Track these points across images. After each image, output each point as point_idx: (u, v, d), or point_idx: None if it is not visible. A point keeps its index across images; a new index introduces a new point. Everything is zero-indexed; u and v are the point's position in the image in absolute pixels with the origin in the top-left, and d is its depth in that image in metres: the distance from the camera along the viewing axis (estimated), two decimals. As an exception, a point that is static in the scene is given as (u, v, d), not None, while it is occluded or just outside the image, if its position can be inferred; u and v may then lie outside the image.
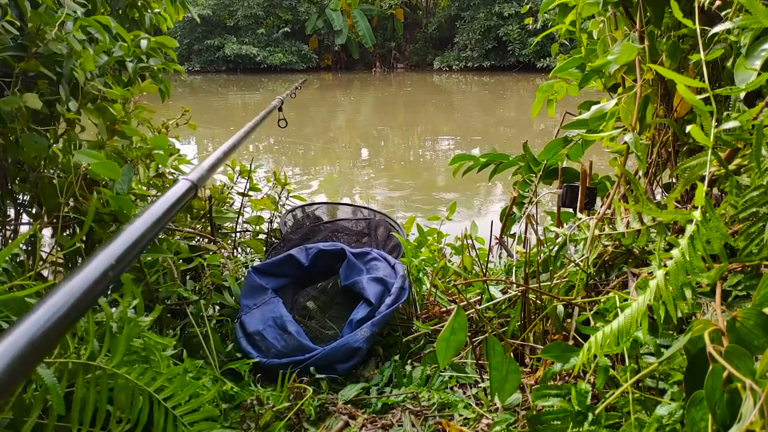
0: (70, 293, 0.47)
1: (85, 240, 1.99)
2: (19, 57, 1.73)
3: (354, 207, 3.34)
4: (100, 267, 0.52)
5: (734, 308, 1.10)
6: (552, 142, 2.20)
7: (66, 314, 0.45)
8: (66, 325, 0.45)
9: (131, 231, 0.60)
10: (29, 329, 0.42)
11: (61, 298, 0.46)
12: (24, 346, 0.40)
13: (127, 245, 0.57)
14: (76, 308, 0.47)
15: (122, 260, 0.55)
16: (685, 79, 1.10)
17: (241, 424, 1.60)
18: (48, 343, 0.43)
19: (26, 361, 0.40)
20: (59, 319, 0.44)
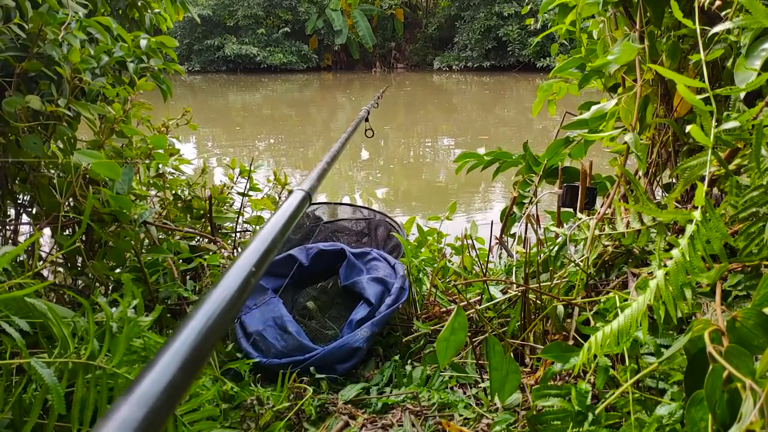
0: (222, 298, 0.50)
1: (84, 240, 1.99)
2: (20, 57, 1.73)
3: (354, 207, 3.35)
4: (242, 274, 0.55)
5: (734, 308, 1.10)
6: (554, 143, 2.20)
7: (219, 320, 0.47)
8: (220, 330, 0.47)
9: (263, 239, 0.64)
10: (189, 336, 0.44)
11: (213, 305, 0.48)
12: (186, 353, 0.42)
13: (261, 252, 0.61)
14: (228, 313, 0.49)
15: (260, 266, 0.59)
16: (685, 79, 1.10)
17: (241, 424, 1.60)
18: (205, 352, 0.44)
19: (188, 369, 0.41)
20: (214, 324, 0.47)
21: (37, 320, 1.26)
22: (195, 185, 2.62)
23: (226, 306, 0.49)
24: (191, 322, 0.46)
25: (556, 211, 2.21)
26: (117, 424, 0.35)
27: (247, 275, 0.55)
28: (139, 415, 0.36)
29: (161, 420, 0.37)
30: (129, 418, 0.36)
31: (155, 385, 0.38)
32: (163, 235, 2.22)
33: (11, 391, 1.22)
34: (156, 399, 0.38)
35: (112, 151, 1.97)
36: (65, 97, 1.80)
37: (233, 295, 0.51)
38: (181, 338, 0.44)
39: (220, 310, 0.48)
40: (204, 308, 0.48)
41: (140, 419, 0.36)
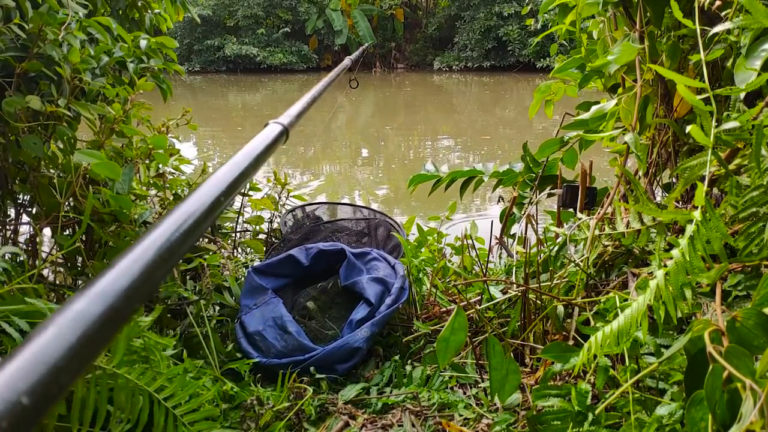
0: (188, 213, 0.49)
1: (84, 239, 1.99)
2: (20, 57, 1.73)
3: (354, 207, 3.35)
4: (214, 193, 0.54)
5: (734, 308, 1.10)
6: (547, 141, 2.19)
7: (184, 235, 0.46)
8: (184, 246, 0.46)
9: (235, 164, 0.63)
10: (154, 243, 0.43)
11: (180, 219, 0.47)
12: (150, 259, 0.41)
13: (232, 178, 0.59)
14: (193, 231, 0.48)
15: (231, 188, 0.57)
16: (685, 79, 1.10)
17: (241, 424, 1.60)
18: (169, 263, 0.43)
19: (150, 275, 0.40)
20: (180, 236, 0.45)
21: (38, 320, 1.26)
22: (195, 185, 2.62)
23: (194, 222, 0.48)
24: (156, 230, 0.44)
25: (556, 211, 2.21)
26: (72, 316, 0.33)
27: (218, 195, 0.54)
28: (97, 310, 0.34)
29: (119, 319, 0.36)
30: (85, 311, 0.34)
31: (114, 285, 0.37)
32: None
33: (11, 391, 1.22)
34: (114, 297, 0.36)
35: (112, 151, 1.97)
36: (65, 97, 1.80)
37: (203, 211, 0.50)
38: (145, 244, 0.42)
39: (186, 226, 0.47)
40: (171, 219, 0.46)
41: (98, 314, 0.34)
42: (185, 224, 0.47)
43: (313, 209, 3.15)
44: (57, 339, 0.31)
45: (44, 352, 0.30)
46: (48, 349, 0.31)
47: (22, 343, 0.31)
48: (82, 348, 0.32)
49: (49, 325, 0.32)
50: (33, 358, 0.30)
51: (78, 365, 0.32)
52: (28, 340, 0.31)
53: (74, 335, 0.32)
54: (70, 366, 0.31)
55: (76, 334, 0.32)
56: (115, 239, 1.87)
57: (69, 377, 0.31)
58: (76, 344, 0.32)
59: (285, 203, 3.17)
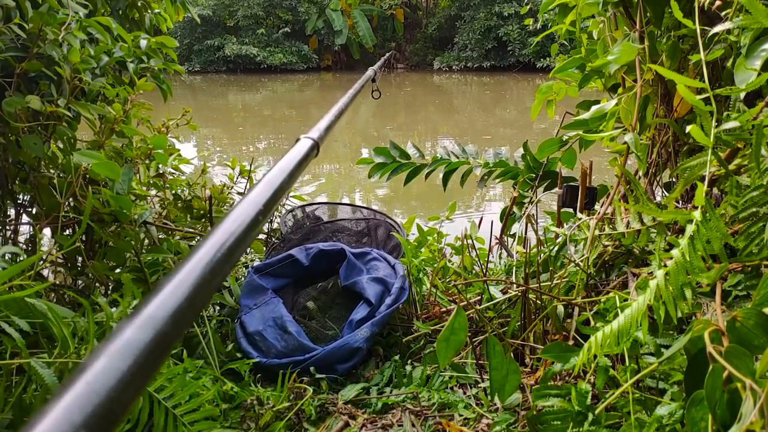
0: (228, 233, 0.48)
1: (84, 240, 1.99)
2: (20, 57, 1.73)
3: (354, 207, 3.35)
4: (251, 212, 0.54)
5: (734, 308, 1.10)
6: (547, 141, 2.19)
7: (228, 253, 0.46)
8: (228, 265, 0.46)
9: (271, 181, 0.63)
10: (197, 266, 0.43)
11: (222, 237, 0.47)
12: (193, 282, 0.41)
13: (270, 193, 0.60)
14: (236, 249, 0.48)
15: (268, 207, 0.57)
16: (685, 79, 1.10)
17: (241, 424, 1.60)
18: (212, 284, 0.43)
19: (194, 298, 0.40)
20: (222, 257, 0.45)
21: (38, 320, 1.26)
22: (195, 185, 2.62)
23: (234, 241, 0.48)
24: (198, 252, 0.44)
25: (556, 211, 2.21)
26: (122, 345, 0.33)
27: (257, 214, 0.54)
28: (145, 338, 0.34)
29: (167, 345, 0.36)
30: (134, 339, 0.34)
31: (161, 310, 0.37)
32: (163, 235, 2.22)
33: (11, 391, 1.22)
34: (162, 323, 0.36)
35: (112, 151, 1.97)
36: (65, 97, 1.80)
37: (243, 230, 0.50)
38: (187, 267, 0.42)
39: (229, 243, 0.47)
40: (212, 240, 0.46)
41: (147, 341, 0.34)
42: (226, 244, 0.47)
43: (313, 209, 3.15)
44: (109, 369, 0.32)
45: (97, 382, 0.31)
46: (101, 379, 0.31)
47: (74, 373, 0.31)
48: (133, 377, 0.32)
49: (100, 355, 0.32)
50: (87, 389, 0.30)
51: (131, 394, 0.32)
52: (81, 371, 0.31)
53: (125, 364, 0.32)
54: (124, 395, 0.31)
55: (127, 362, 0.32)
56: (115, 239, 1.87)
57: (123, 407, 0.31)
58: (127, 373, 0.32)
59: (285, 203, 3.17)
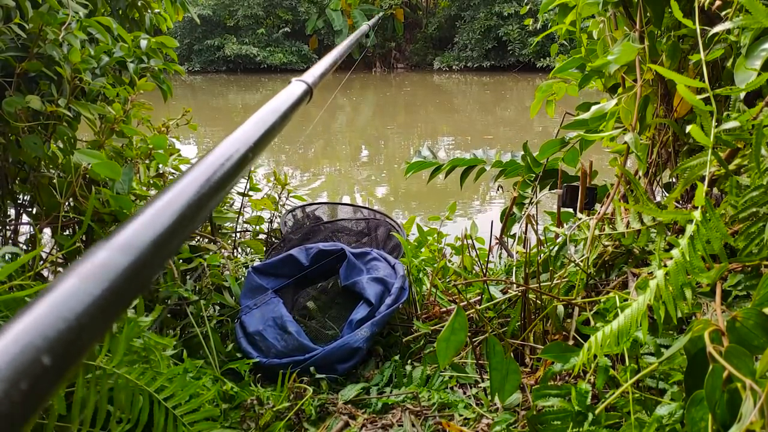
0: (216, 165, 0.45)
1: (84, 239, 1.99)
2: (20, 57, 1.73)
3: (354, 207, 3.35)
4: (241, 148, 0.51)
5: (734, 308, 1.10)
6: (548, 142, 2.19)
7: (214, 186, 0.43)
8: (215, 197, 0.43)
9: (262, 119, 0.59)
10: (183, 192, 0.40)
11: (209, 170, 0.44)
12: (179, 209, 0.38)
13: (262, 131, 0.56)
14: (223, 183, 0.45)
15: (259, 145, 0.54)
16: (685, 79, 1.10)
17: (241, 424, 1.60)
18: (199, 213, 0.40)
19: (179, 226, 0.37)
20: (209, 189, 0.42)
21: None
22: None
23: (223, 174, 0.45)
24: (184, 180, 0.41)
25: (556, 211, 2.21)
26: (96, 267, 0.29)
27: (246, 150, 0.50)
28: (123, 262, 0.31)
29: (148, 273, 0.32)
30: (111, 262, 0.30)
31: (142, 234, 0.33)
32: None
33: (11, 391, 1.22)
34: (143, 248, 0.32)
35: (112, 151, 1.97)
36: (65, 97, 1.80)
37: (232, 165, 0.46)
38: (171, 194, 0.39)
39: (218, 176, 0.44)
40: (197, 171, 0.43)
41: (125, 266, 0.30)
42: (215, 176, 0.44)
43: (313, 209, 3.15)
44: (80, 292, 0.28)
45: (66, 305, 0.27)
46: (69, 303, 0.27)
47: (40, 293, 0.27)
48: (107, 303, 0.28)
49: (70, 276, 0.28)
50: (52, 312, 0.26)
51: (102, 323, 0.28)
52: (47, 291, 0.27)
53: (99, 288, 0.28)
54: (94, 324, 0.27)
55: (101, 287, 0.29)
56: (115, 239, 1.87)
57: (92, 336, 0.27)
58: (100, 298, 0.28)
59: (285, 203, 3.17)
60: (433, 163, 2.72)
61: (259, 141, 0.54)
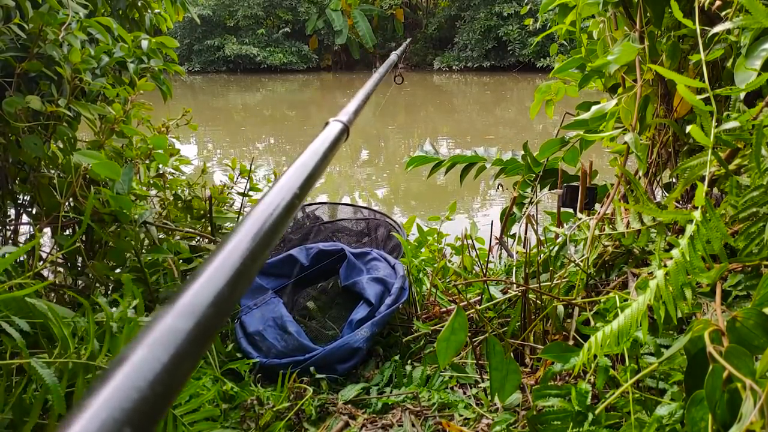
0: (265, 216, 0.47)
1: (84, 239, 1.99)
2: (20, 57, 1.73)
3: (354, 207, 3.34)
4: (287, 195, 0.52)
5: (734, 308, 1.10)
6: (548, 142, 2.19)
7: (266, 237, 0.45)
8: (266, 248, 0.44)
9: (304, 164, 0.61)
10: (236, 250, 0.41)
11: (258, 222, 0.46)
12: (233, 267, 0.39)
13: (305, 176, 0.58)
14: (274, 232, 0.46)
15: (304, 189, 0.56)
16: (685, 79, 1.10)
17: (241, 424, 1.60)
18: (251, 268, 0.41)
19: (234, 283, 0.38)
20: (261, 240, 0.44)
21: (38, 320, 1.26)
22: (195, 185, 2.62)
23: (271, 225, 0.46)
24: (236, 236, 0.43)
25: (556, 211, 2.21)
26: (162, 334, 0.31)
27: (292, 197, 0.52)
28: (186, 326, 0.32)
29: (210, 333, 0.34)
30: (175, 328, 0.32)
31: (201, 297, 0.35)
32: (163, 235, 2.22)
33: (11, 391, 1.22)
34: (204, 310, 0.34)
35: (112, 151, 1.97)
36: (65, 97, 1.80)
37: (279, 214, 0.48)
38: (225, 253, 0.40)
39: (267, 227, 0.45)
40: (248, 224, 0.45)
41: (188, 330, 0.32)
42: (264, 227, 0.45)
43: (313, 209, 3.15)
44: (150, 360, 0.30)
45: (138, 375, 0.28)
46: (142, 372, 0.29)
47: (112, 364, 0.29)
48: (176, 368, 0.30)
49: (140, 345, 0.30)
50: (128, 382, 0.28)
51: (174, 387, 0.30)
52: (119, 362, 0.29)
53: (167, 354, 0.30)
54: (167, 389, 0.29)
55: (168, 352, 0.30)
56: (115, 239, 1.87)
57: (166, 401, 0.29)
58: (169, 364, 0.30)
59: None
60: (434, 159, 2.73)
61: (303, 185, 0.56)
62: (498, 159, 2.60)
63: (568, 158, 2.16)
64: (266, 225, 0.46)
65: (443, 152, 2.81)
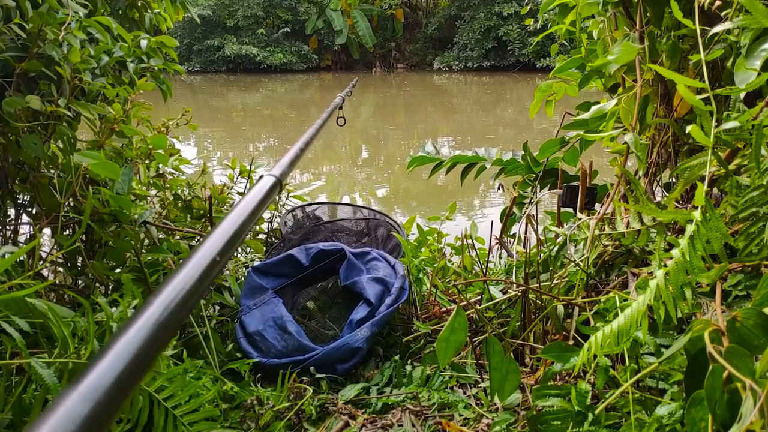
0: (180, 287, 0.47)
1: (84, 239, 1.99)
2: (20, 57, 1.73)
3: (354, 207, 3.35)
4: (204, 262, 0.53)
5: (734, 308, 1.10)
6: (548, 142, 2.20)
7: (176, 311, 0.45)
8: (177, 322, 0.45)
9: (228, 226, 0.62)
10: (144, 326, 0.41)
11: (171, 295, 0.46)
12: (140, 344, 0.39)
13: (226, 239, 0.59)
14: (186, 304, 0.47)
15: (224, 254, 0.56)
16: (685, 79, 1.10)
17: (241, 424, 1.60)
18: (160, 344, 0.42)
19: (141, 362, 0.39)
20: (170, 316, 0.44)
21: (38, 320, 1.26)
22: (195, 185, 2.62)
23: (183, 297, 0.46)
24: (146, 311, 0.43)
25: (556, 211, 2.21)
26: (58, 421, 0.32)
27: (210, 264, 0.52)
28: (84, 411, 0.33)
29: (108, 417, 0.34)
30: (73, 413, 0.32)
31: (103, 378, 0.35)
32: (163, 235, 2.22)
33: (11, 391, 1.22)
34: (104, 393, 0.34)
35: (112, 151, 1.97)
36: (65, 97, 1.80)
37: (192, 286, 0.48)
38: (134, 328, 0.40)
39: (177, 300, 0.45)
40: (160, 298, 0.45)
41: (85, 415, 0.33)
42: (184, 289, 0.46)
43: (313, 209, 3.15)
44: None
45: None
46: None
47: None
48: None
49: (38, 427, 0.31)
50: None
51: None
52: None
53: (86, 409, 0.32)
54: None
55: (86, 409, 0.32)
56: (115, 239, 1.87)
57: None
58: None
59: (285, 203, 3.17)
60: (435, 159, 2.73)
61: (224, 249, 0.57)
62: (498, 159, 2.61)
63: (568, 158, 2.16)
64: (178, 298, 0.46)
65: (444, 153, 2.82)
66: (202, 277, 0.50)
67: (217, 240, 0.57)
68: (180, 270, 0.50)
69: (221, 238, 0.58)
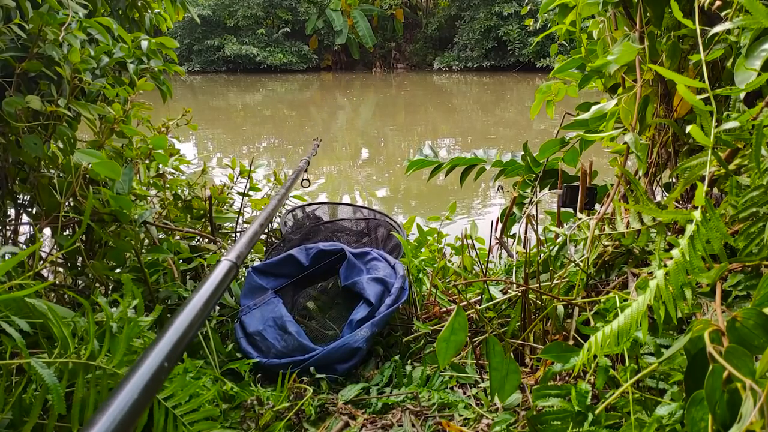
0: (125, 403, 0.49)
1: (84, 239, 1.99)
2: (20, 57, 1.73)
3: (354, 207, 3.35)
4: (151, 370, 0.54)
5: (734, 308, 1.10)
6: (548, 142, 2.20)
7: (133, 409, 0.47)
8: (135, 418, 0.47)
9: (178, 326, 0.62)
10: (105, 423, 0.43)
11: (126, 396, 0.48)
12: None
13: (175, 341, 0.59)
14: (131, 419, 0.48)
15: (172, 359, 0.57)
16: (685, 79, 1.10)
17: (241, 424, 1.60)
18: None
19: None
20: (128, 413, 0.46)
21: (38, 320, 1.26)
22: (195, 185, 2.62)
23: (127, 413, 0.47)
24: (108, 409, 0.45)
25: (556, 211, 2.22)
26: None
27: (156, 371, 0.53)
28: None
29: None
30: None
31: None
32: (163, 235, 2.22)
33: (11, 391, 1.22)
34: None
35: (112, 151, 1.97)
36: (65, 97, 1.80)
37: (137, 399, 0.49)
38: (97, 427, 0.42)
39: (120, 418, 0.46)
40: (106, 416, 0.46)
41: None
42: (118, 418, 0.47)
43: (313, 209, 3.15)
44: None
45: None
46: None
47: None
48: None
49: None
50: None
51: None
52: None
53: None
54: None
55: None
56: (115, 239, 1.87)
57: None
58: None
59: (285, 203, 3.17)
60: (434, 162, 2.73)
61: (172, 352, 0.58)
62: (498, 160, 2.61)
63: (568, 158, 2.16)
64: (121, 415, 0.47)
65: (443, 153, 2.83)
66: (147, 389, 0.51)
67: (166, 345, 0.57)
68: (125, 382, 0.50)
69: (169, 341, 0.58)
